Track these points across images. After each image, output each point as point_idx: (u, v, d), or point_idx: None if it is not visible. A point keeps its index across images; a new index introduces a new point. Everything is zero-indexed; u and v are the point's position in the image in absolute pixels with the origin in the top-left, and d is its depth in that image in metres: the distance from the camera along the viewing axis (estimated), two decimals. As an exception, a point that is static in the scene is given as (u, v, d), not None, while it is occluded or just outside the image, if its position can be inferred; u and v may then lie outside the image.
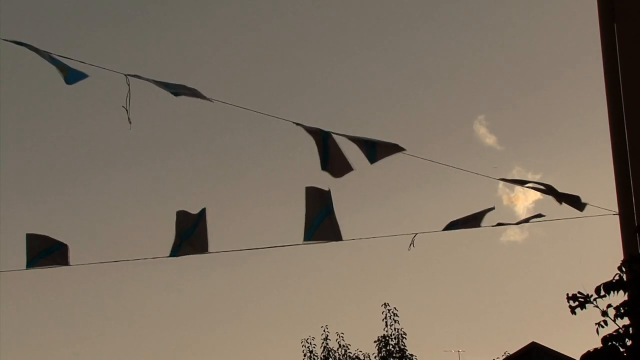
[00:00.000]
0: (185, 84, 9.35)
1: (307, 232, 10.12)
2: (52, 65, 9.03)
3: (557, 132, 43.40)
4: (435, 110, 44.47)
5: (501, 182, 10.55)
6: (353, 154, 9.94)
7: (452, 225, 10.48)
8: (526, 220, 10.72)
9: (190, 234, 10.29)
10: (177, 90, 9.24)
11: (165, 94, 9.24)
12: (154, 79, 9.16)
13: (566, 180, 40.43)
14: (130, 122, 8.98)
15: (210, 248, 10.39)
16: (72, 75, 9.02)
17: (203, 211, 10.29)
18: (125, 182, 43.63)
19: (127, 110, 8.98)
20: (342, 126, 10.29)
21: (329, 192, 10.18)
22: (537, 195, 10.42)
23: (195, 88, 9.34)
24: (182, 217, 10.32)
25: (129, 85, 9.02)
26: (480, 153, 42.29)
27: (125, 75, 9.03)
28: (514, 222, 10.81)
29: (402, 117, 43.67)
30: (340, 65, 43.76)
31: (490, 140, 44.02)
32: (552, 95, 45.16)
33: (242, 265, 41.29)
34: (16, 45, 9.00)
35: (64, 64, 9.04)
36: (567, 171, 41.61)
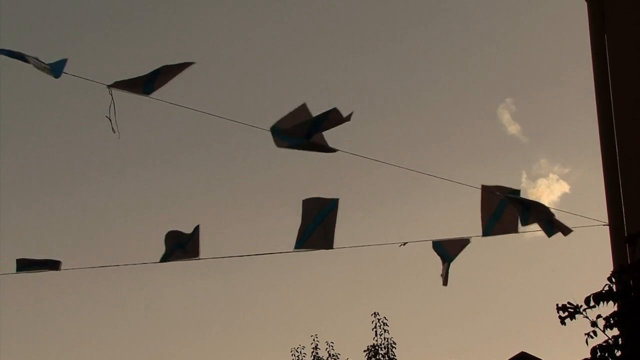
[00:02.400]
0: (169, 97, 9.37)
1: (299, 241, 10.16)
2: (35, 67, 9.08)
3: (590, 123, 41.78)
4: (456, 92, 43.09)
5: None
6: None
7: (437, 244, 10.53)
8: (515, 230, 10.66)
9: (184, 245, 10.38)
10: (153, 86, 9.22)
11: (152, 101, 9.28)
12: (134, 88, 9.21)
13: (596, 175, 39.79)
14: (114, 131, 9.08)
15: (201, 254, 10.43)
16: (56, 69, 9.08)
17: (197, 228, 10.40)
18: (118, 190, 43.60)
19: (110, 119, 9.08)
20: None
21: (334, 200, 10.22)
22: (564, 188, 10.42)
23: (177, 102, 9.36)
24: (176, 234, 10.40)
25: (111, 95, 9.14)
26: (502, 140, 41.12)
27: (107, 86, 9.16)
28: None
29: (417, 101, 42.59)
30: (344, 63, 43.38)
31: (513, 128, 42.88)
32: (583, 86, 43.64)
33: (231, 273, 41.25)
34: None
35: (45, 64, 9.10)
36: (597, 166, 40.49)
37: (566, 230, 10.09)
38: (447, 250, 10.52)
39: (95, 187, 43.19)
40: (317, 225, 10.15)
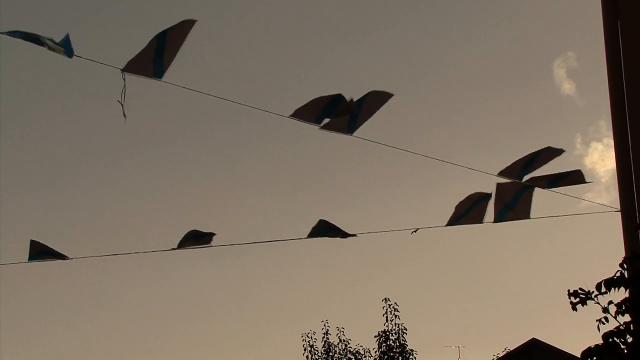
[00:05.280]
0: (180, 79, 9.29)
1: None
2: (49, 49, 8.96)
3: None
4: (512, 47, 40.72)
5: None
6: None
7: (455, 221, 10.45)
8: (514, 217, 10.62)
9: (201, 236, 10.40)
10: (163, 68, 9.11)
11: (162, 86, 9.19)
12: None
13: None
14: (125, 117, 8.90)
15: (214, 241, 10.42)
16: (67, 49, 8.97)
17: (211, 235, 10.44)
18: (126, 176, 43.65)
19: (122, 104, 8.88)
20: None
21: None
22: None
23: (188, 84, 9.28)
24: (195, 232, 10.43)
25: (124, 80, 8.93)
26: (556, 99, 39.14)
27: (121, 70, 8.95)
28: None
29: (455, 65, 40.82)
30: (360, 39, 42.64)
31: (568, 86, 41.03)
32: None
33: (243, 259, 41.35)
34: (11, 37, 8.89)
35: (57, 43, 8.97)
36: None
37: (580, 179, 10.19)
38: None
39: (104, 174, 43.20)
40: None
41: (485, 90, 42.28)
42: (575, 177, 10.28)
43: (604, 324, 8.32)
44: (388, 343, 30.02)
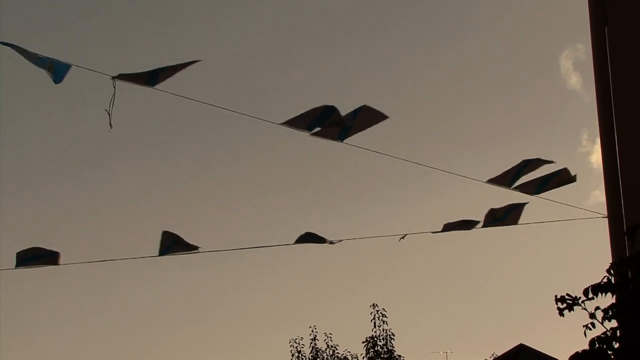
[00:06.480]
0: (170, 86, 9.25)
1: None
2: (37, 66, 8.84)
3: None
4: (519, 36, 38.99)
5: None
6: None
7: (445, 229, 10.50)
8: (500, 221, 10.64)
9: (182, 241, 10.35)
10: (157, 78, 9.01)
11: (152, 92, 9.14)
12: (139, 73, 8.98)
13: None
14: (111, 126, 8.70)
15: (200, 247, 10.41)
16: (58, 72, 8.85)
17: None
18: (115, 182, 43.57)
19: (109, 114, 8.69)
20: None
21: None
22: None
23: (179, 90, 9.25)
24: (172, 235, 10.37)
25: (114, 87, 8.80)
26: (563, 95, 37.71)
27: (111, 77, 8.84)
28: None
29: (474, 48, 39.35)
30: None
31: (575, 79, 39.87)
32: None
33: (230, 265, 41.29)
34: (1, 45, 8.83)
35: (51, 60, 8.85)
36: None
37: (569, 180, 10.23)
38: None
39: (92, 180, 43.13)
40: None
41: (486, 85, 41.75)
42: (562, 177, 10.30)
43: (590, 329, 8.33)
44: (376, 349, 30.01)
